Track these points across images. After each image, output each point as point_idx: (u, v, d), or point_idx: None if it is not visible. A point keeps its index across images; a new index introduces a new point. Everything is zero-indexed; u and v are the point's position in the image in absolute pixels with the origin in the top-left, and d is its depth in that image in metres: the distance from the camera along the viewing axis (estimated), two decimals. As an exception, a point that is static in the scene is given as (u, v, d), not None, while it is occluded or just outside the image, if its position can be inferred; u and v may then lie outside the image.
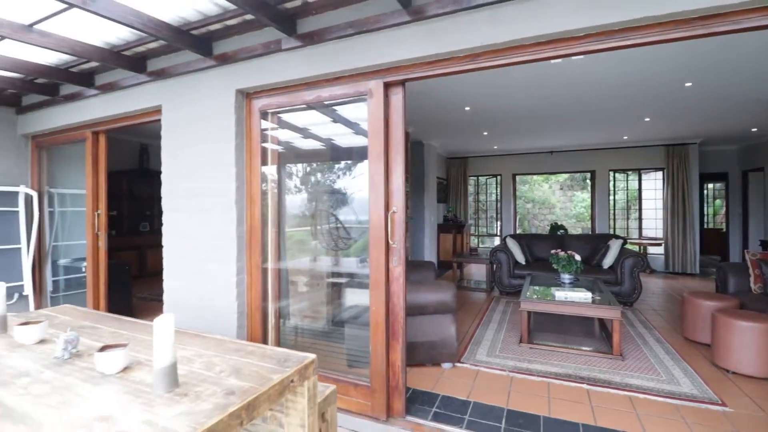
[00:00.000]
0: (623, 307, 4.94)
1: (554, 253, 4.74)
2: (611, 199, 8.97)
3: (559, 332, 4.15)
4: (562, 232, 8.26)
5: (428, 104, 5.17)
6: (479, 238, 11.30)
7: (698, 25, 1.78)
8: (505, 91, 4.65)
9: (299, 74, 2.57)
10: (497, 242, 10.25)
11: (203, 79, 2.93)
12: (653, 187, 8.82)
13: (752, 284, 4.17)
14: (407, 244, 2.45)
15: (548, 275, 5.27)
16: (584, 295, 3.85)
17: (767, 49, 3.34)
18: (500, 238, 9.96)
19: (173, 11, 2.44)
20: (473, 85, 4.41)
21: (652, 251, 8.50)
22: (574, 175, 13.87)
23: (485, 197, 10.90)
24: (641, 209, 9.05)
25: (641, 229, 9.01)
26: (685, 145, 7.93)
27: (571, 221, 14.24)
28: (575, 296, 3.84)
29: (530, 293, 4.16)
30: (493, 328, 4.42)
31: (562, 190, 15.04)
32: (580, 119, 6.14)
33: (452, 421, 2.51)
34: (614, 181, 8.98)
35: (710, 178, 9.42)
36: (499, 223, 10.28)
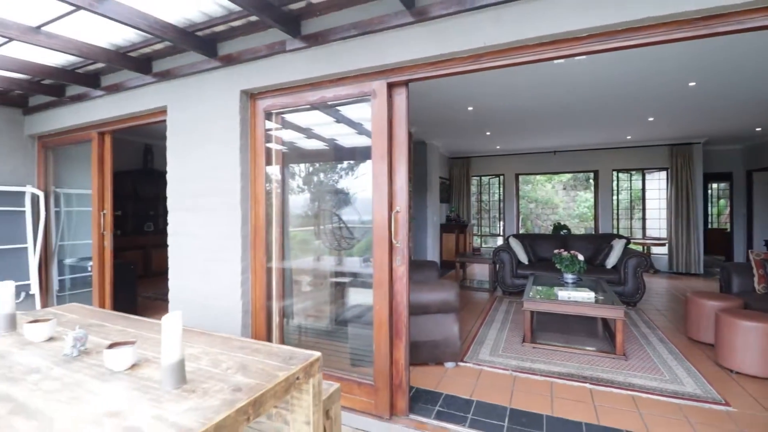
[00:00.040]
0: (626, 307, 4.93)
1: (557, 252, 4.74)
2: (614, 199, 8.94)
3: (562, 332, 4.14)
4: (565, 232, 8.27)
5: (431, 104, 5.18)
6: (482, 238, 11.30)
7: (701, 25, 1.79)
8: (508, 91, 4.65)
9: (303, 75, 2.59)
10: (500, 242, 10.24)
11: (208, 79, 2.95)
12: (657, 186, 8.78)
13: (756, 284, 4.16)
14: (410, 243, 2.46)
15: (551, 275, 5.27)
16: (587, 294, 3.85)
17: (771, 48, 3.34)
18: (503, 238, 9.95)
19: (179, 13, 2.47)
20: (476, 85, 4.42)
21: (655, 251, 8.47)
22: (577, 174, 13.85)
23: (488, 197, 10.89)
24: (645, 209, 9.02)
25: (645, 229, 8.98)
26: (689, 144, 7.90)
27: (574, 221, 14.21)
28: (578, 296, 3.84)
29: (533, 293, 4.16)
30: (496, 327, 4.43)
31: (565, 190, 15.01)
32: (583, 119, 6.13)
33: (455, 419, 2.52)
34: (617, 180, 8.96)
35: (714, 177, 9.39)
36: (501, 223, 10.27)
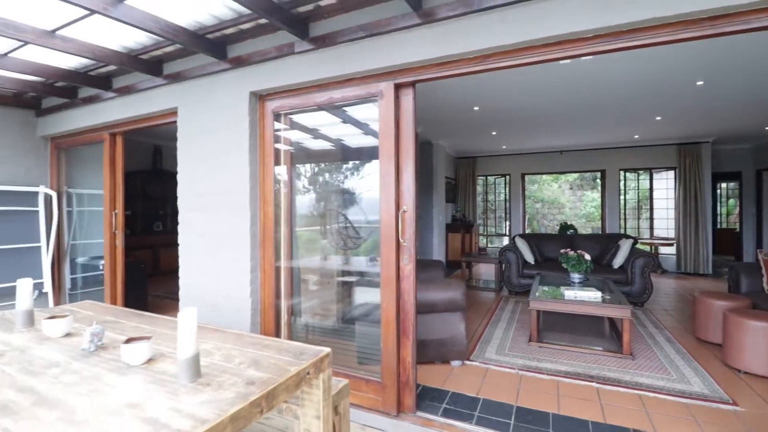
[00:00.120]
0: (634, 307, 4.91)
1: (564, 252, 4.74)
2: (622, 198, 8.89)
3: (568, 332, 4.14)
4: (571, 231, 8.23)
5: (437, 104, 5.20)
6: (488, 237, 11.28)
7: (707, 25, 1.79)
8: (514, 91, 4.66)
9: (311, 76, 2.63)
10: (506, 242, 10.24)
11: (218, 81, 3.00)
12: (665, 186, 8.71)
13: (765, 284, 4.13)
14: (416, 243, 2.49)
15: (558, 275, 5.26)
16: (594, 294, 3.84)
17: (780, 47, 3.32)
18: (509, 237, 9.94)
19: (190, 16, 2.52)
20: (482, 85, 4.43)
21: (663, 251, 8.41)
22: (583, 174, 13.76)
23: (494, 197, 10.88)
24: (652, 209, 8.95)
25: (652, 228, 8.92)
26: (697, 144, 7.83)
27: (580, 221, 14.13)
28: (585, 295, 3.83)
29: (539, 292, 4.17)
30: (502, 326, 4.44)
31: (571, 189, 14.92)
32: (589, 119, 6.11)
33: (462, 416, 2.54)
34: (625, 180, 8.90)
35: (723, 177, 9.30)
36: (507, 222, 10.25)
